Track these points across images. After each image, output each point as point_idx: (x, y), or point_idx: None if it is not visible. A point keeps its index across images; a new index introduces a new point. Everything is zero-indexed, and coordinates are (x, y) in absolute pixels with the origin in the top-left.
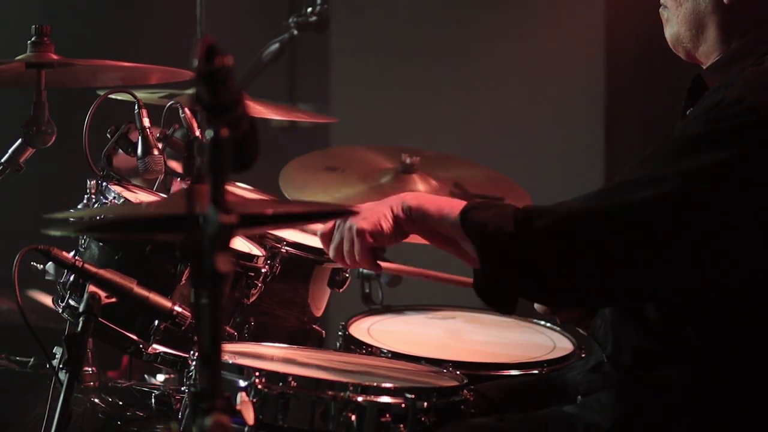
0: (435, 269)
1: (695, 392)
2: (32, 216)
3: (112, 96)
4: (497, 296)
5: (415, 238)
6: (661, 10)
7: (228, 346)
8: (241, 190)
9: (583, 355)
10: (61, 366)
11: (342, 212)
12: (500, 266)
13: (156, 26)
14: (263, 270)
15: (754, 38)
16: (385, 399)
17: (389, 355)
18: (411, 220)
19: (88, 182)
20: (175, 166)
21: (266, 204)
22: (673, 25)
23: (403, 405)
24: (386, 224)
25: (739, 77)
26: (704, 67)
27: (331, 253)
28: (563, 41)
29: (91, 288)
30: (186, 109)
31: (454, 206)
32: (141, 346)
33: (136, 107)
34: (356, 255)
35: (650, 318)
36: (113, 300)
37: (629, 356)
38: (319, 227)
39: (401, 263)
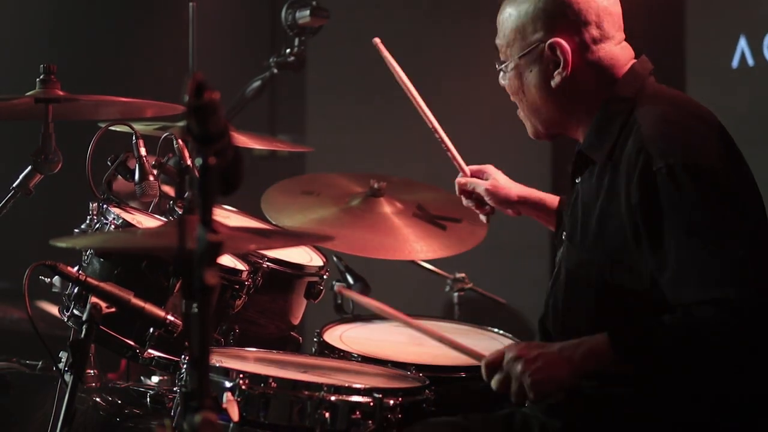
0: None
1: (641, 396)
2: (40, 236)
3: (112, 128)
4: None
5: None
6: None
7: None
8: (226, 212)
9: None
10: (66, 369)
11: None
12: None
13: (152, 66)
14: (247, 283)
15: (612, 100)
16: (356, 398)
17: (359, 358)
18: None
19: (91, 205)
20: (169, 190)
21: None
22: (528, 127)
23: (371, 403)
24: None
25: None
26: (582, 145)
27: (494, 385)
28: None
29: (93, 299)
30: (178, 140)
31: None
32: (137, 350)
33: (133, 138)
34: (528, 397)
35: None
36: (113, 310)
37: None
38: (486, 353)
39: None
